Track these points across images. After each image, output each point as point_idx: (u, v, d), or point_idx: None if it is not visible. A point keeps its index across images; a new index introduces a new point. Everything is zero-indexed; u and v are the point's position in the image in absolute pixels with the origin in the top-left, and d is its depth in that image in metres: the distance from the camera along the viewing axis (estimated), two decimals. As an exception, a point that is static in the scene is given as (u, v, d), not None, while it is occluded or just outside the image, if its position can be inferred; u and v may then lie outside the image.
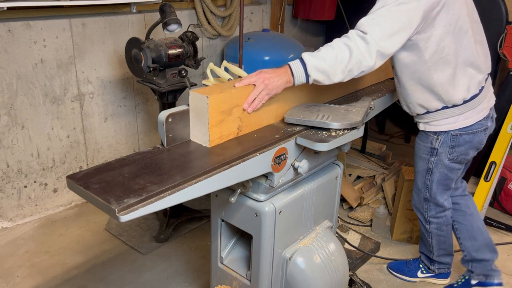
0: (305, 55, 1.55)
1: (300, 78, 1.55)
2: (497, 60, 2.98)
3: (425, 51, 1.71)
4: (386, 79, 2.37)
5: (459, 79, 1.78)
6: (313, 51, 1.59)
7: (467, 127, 1.88)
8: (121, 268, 2.43)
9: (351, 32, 1.57)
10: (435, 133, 1.93)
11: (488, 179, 2.94)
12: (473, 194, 2.98)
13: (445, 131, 1.90)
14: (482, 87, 1.87)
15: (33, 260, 2.48)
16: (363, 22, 1.58)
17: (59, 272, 2.40)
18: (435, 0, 1.60)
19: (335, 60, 1.53)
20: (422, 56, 1.73)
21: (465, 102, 1.83)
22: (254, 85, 1.52)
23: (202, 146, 1.44)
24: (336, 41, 1.57)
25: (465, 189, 2.24)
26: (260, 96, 1.52)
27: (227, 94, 1.44)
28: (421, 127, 2.00)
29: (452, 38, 1.69)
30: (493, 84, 3.05)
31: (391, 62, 1.87)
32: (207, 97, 1.38)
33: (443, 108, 1.85)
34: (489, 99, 1.93)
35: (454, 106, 1.83)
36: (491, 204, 3.07)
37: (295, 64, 1.55)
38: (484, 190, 2.94)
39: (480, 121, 1.89)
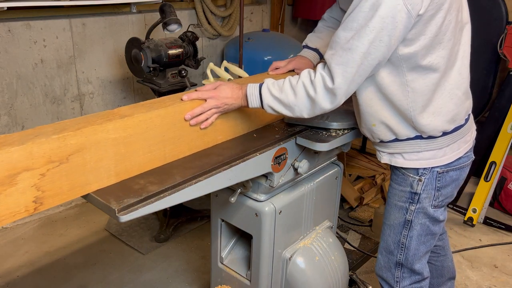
0: (265, 91, 1.37)
1: (255, 108, 1.41)
2: (497, 60, 2.98)
3: (405, 63, 1.31)
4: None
5: (442, 105, 1.36)
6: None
7: (454, 161, 1.45)
8: (121, 268, 2.43)
9: (318, 78, 1.29)
10: (416, 171, 1.45)
11: (488, 179, 2.94)
12: (473, 194, 2.99)
13: (430, 168, 1.44)
14: (469, 115, 1.48)
15: (33, 260, 2.48)
16: (332, 62, 1.27)
17: (59, 272, 2.40)
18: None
19: (294, 108, 1.35)
20: (401, 71, 1.32)
21: (445, 134, 1.40)
22: (205, 100, 1.37)
23: None
24: (300, 86, 1.32)
25: (443, 227, 1.77)
26: (210, 112, 1.36)
27: (2, 154, 0.96)
28: (386, 159, 1.51)
29: (444, 52, 1.30)
30: (493, 84, 3.07)
31: None
32: None
33: (416, 137, 1.41)
34: (472, 131, 1.52)
35: (430, 137, 1.40)
36: (491, 204, 3.07)
37: (252, 97, 1.38)
38: (484, 190, 2.95)
39: (467, 152, 1.49)
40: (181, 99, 1.33)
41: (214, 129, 1.42)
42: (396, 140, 1.44)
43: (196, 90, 1.39)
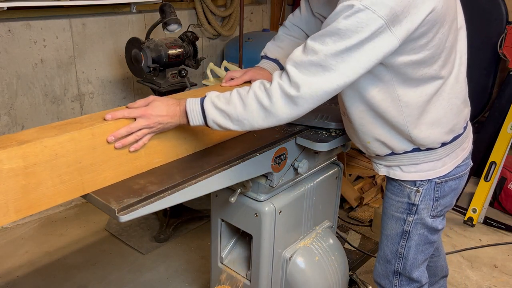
0: (208, 105, 1.20)
1: (198, 126, 1.25)
2: (497, 60, 2.98)
3: (395, 77, 1.21)
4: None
5: (442, 115, 1.30)
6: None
7: (453, 170, 1.39)
8: (121, 268, 2.43)
9: (275, 86, 1.14)
10: (413, 183, 1.39)
11: (488, 179, 2.94)
12: (473, 194, 2.99)
13: (428, 180, 1.38)
14: (467, 123, 1.42)
15: (33, 260, 2.48)
16: (297, 72, 1.12)
17: (59, 272, 2.40)
18: (425, 19, 1.09)
19: (243, 121, 1.19)
20: (392, 85, 1.23)
21: (444, 145, 1.34)
22: (134, 119, 1.20)
23: None
24: (251, 96, 1.17)
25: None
26: (140, 133, 1.19)
27: None
28: (383, 171, 1.44)
29: (437, 65, 1.21)
30: (493, 84, 3.07)
31: None
32: None
33: (413, 150, 1.35)
34: (469, 138, 1.46)
35: (428, 149, 1.34)
36: (491, 204, 3.07)
37: (193, 113, 1.21)
38: (484, 190, 2.95)
39: (465, 160, 1.43)
40: (104, 119, 1.16)
41: (149, 151, 1.24)
42: (393, 153, 1.38)
43: (126, 107, 1.24)
